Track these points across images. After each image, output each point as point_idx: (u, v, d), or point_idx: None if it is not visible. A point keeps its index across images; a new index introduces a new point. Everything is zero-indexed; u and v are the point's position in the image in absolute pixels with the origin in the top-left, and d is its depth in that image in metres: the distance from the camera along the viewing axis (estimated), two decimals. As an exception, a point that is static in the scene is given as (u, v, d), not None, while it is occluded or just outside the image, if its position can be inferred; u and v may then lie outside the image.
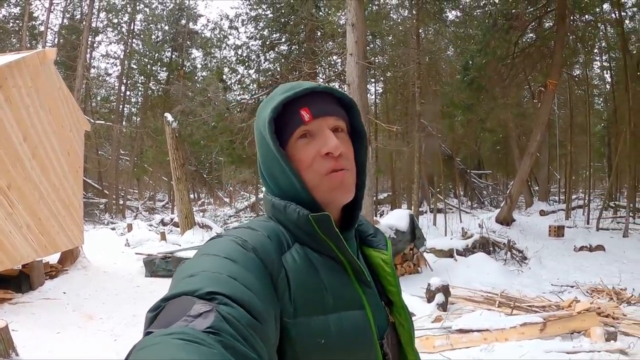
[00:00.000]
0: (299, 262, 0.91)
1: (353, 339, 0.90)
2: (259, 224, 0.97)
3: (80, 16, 27.48)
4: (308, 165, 0.97)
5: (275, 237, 0.93)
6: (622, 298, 7.44)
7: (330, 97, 1.02)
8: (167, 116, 14.27)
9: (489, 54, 14.77)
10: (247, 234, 0.91)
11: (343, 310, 0.91)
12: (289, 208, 0.96)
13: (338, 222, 1.02)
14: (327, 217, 0.93)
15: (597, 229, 15.82)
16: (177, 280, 0.79)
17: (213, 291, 0.71)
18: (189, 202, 15.09)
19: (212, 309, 0.67)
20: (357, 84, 9.42)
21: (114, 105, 28.98)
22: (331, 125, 0.99)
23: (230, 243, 0.87)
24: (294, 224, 0.96)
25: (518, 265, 10.60)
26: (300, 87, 0.99)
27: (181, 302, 0.69)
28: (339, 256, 0.96)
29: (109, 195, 26.22)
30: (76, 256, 9.72)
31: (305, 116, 0.97)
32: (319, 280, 0.91)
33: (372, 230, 1.14)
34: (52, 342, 5.62)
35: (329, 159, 0.97)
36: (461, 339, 5.33)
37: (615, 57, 21.90)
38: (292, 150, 0.98)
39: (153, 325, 0.67)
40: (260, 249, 0.87)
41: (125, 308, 7.32)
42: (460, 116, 20.75)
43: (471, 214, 21.17)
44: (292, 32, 18.27)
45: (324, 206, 0.98)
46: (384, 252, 1.09)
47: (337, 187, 0.97)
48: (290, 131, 0.98)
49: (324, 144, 0.96)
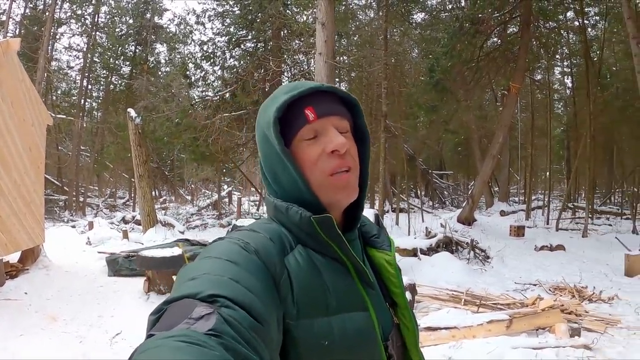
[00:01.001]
0: (301, 264, 0.91)
1: (356, 341, 0.90)
2: (261, 226, 0.97)
3: (43, 6, 26.69)
4: (313, 164, 0.97)
5: (277, 239, 0.93)
6: (584, 296, 7.62)
7: (334, 96, 1.02)
8: (130, 112, 13.99)
9: (454, 56, 14.99)
10: (249, 236, 0.91)
11: (346, 312, 0.91)
12: (291, 210, 0.96)
13: (340, 223, 1.02)
14: (329, 219, 0.93)
15: (556, 229, 16.24)
16: (179, 283, 0.80)
17: (215, 294, 0.71)
18: (151, 200, 14.83)
19: (214, 312, 0.68)
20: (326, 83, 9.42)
21: (75, 99, 28.27)
22: (335, 124, 0.99)
23: (232, 245, 0.88)
24: (296, 225, 0.96)
25: (481, 264, 10.74)
26: (304, 86, 0.99)
27: (183, 305, 0.70)
28: (341, 258, 0.96)
29: (69, 192, 25.58)
30: (37, 255, 9.39)
31: (310, 115, 0.97)
32: (322, 282, 0.91)
33: (376, 230, 1.13)
34: (15, 345, 5.43)
35: (334, 157, 0.96)
36: (429, 336, 5.38)
37: (576, 63, 22.57)
38: (297, 149, 0.98)
39: (155, 328, 0.67)
40: (263, 251, 0.87)
41: (90, 308, 7.11)
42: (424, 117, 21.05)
43: (433, 213, 21.44)
44: (259, 29, 18.16)
45: (327, 206, 0.98)
46: (387, 253, 1.09)
47: (342, 187, 0.97)
48: (295, 131, 0.98)
49: (330, 142, 0.96)
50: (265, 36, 18.56)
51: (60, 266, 9.69)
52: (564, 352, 4.84)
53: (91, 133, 29.38)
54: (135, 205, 24.09)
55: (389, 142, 18.76)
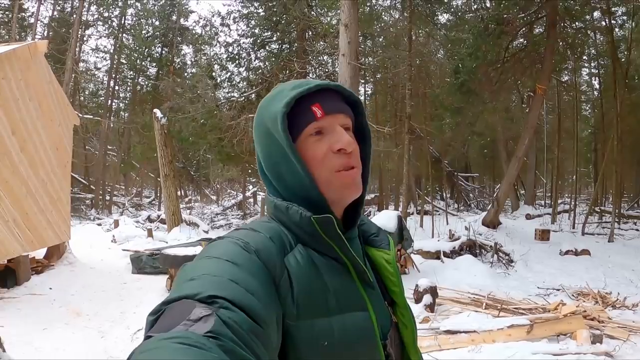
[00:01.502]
0: (301, 264, 0.91)
1: (356, 341, 0.90)
2: (260, 225, 0.97)
3: (71, 9, 27.29)
4: (319, 162, 0.96)
5: (277, 239, 0.92)
6: (608, 302, 7.52)
7: (339, 94, 1.02)
8: (157, 112, 14.18)
9: (479, 58, 14.84)
10: (249, 235, 0.91)
11: (346, 312, 0.91)
12: (291, 209, 0.96)
13: (341, 221, 1.02)
14: (330, 219, 0.93)
15: (582, 234, 15.96)
16: (178, 283, 0.79)
17: (213, 295, 0.71)
18: (176, 199, 15.01)
19: (213, 313, 0.67)
20: (349, 84, 9.44)
21: (102, 100, 28.80)
22: (341, 122, 0.99)
23: (231, 245, 0.87)
24: (297, 225, 0.96)
25: (505, 268, 10.66)
26: (311, 83, 0.99)
27: (181, 306, 0.69)
28: (342, 257, 0.96)
29: (95, 191, 26.06)
30: (62, 252, 9.62)
31: (317, 112, 0.97)
32: (322, 282, 0.91)
33: (375, 229, 1.13)
34: (39, 338, 5.58)
35: (340, 156, 0.96)
36: (449, 339, 5.37)
37: (603, 64, 22.13)
38: (303, 146, 0.98)
39: (153, 329, 0.67)
40: (263, 251, 0.87)
41: (113, 305, 7.28)
42: (449, 119, 20.90)
43: (458, 216, 21.23)
44: (283, 30, 18.25)
45: (332, 204, 0.98)
46: (386, 252, 1.09)
47: (349, 185, 0.98)
48: (301, 127, 0.97)
49: (337, 141, 0.96)
50: (289, 37, 18.64)
51: (85, 263, 9.90)
52: (585, 359, 4.78)
53: (118, 133, 29.87)
54: (160, 205, 24.37)
55: (414, 143, 18.70)
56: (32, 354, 5.05)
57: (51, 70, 9.42)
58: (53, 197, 9.04)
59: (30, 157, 8.15)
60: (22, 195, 7.89)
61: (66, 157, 9.91)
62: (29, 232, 7.97)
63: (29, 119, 8.10)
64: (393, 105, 24.61)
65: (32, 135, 8.25)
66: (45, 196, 8.71)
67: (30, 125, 8.15)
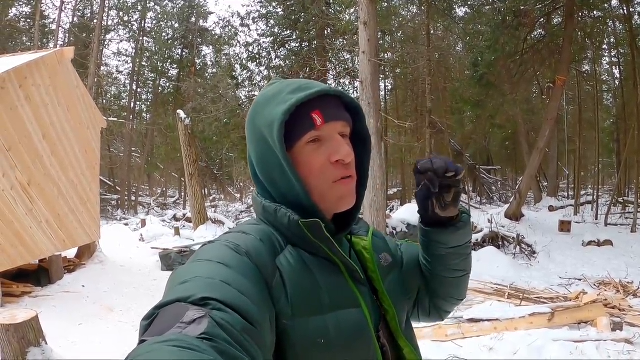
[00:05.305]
0: (293, 264, 0.91)
1: (352, 337, 0.91)
2: (250, 227, 0.97)
3: (91, 14, 27.77)
4: (316, 172, 0.96)
5: (267, 240, 0.93)
6: (629, 291, 7.58)
7: (339, 100, 1.00)
8: (180, 113, 14.46)
9: (498, 50, 14.86)
10: (240, 238, 0.91)
11: (340, 310, 0.92)
12: (279, 212, 0.96)
13: (331, 222, 1.02)
14: (318, 224, 0.93)
15: (605, 225, 15.90)
16: (170, 287, 0.81)
17: (206, 297, 0.71)
18: (201, 198, 15.29)
19: (206, 315, 0.67)
20: (370, 81, 9.56)
21: (125, 102, 29.27)
22: (340, 130, 0.98)
23: (223, 248, 0.88)
24: (285, 227, 0.96)
25: (527, 259, 10.74)
26: (312, 88, 0.96)
27: (175, 309, 0.69)
28: (332, 257, 0.97)
29: (121, 192, 26.54)
30: (93, 251, 9.97)
31: (317, 120, 0.94)
32: (314, 281, 0.92)
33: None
34: (75, 332, 5.84)
35: (339, 167, 0.96)
36: (472, 328, 5.51)
37: (624, 53, 21.85)
38: (299, 154, 0.96)
39: (147, 333, 0.67)
40: (254, 253, 0.88)
41: (144, 301, 7.51)
42: (470, 112, 20.88)
43: (480, 209, 21.18)
44: (302, 29, 18.37)
45: (325, 211, 0.99)
46: (363, 238, 1.13)
47: (344, 196, 0.99)
48: (299, 135, 0.95)
49: (336, 152, 0.95)
50: (309, 36, 18.75)
51: (115, 261, 10.21)
52: (605, 346, 4.87)
53: (141, 135, 30.29)
54: (185, 204, 24.73)
55: (435, 138, 18.74)
56: (69, 348, 5.26)
57: (78, 76, 9.73)
58: (83, 198, 9.38)
59: (60, 160, 8.49)
60: (54, 197, 8.22)
61: (94, 159, 10.23)
62: (60, 233, 8.32)
63: (58, 123, 8.42)
64: (413, 100, 24.61)
65: (62, 138, 8.57)
66: (76, 197, 9.05)
67: (60, 129, 8.47)
